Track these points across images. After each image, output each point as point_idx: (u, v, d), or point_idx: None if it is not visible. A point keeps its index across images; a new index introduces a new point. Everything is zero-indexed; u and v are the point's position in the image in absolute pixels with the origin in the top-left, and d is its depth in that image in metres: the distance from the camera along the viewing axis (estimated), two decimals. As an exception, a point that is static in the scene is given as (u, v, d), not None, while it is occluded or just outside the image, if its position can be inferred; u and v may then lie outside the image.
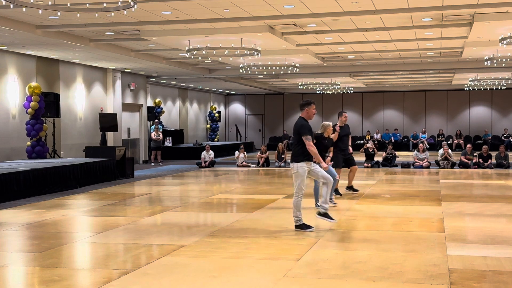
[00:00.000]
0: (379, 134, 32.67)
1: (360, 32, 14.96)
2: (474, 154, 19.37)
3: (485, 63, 18.11)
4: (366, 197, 11.75)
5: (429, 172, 18.05)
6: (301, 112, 8.40)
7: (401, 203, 10.96)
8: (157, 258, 6.46)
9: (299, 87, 29.52)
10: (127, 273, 5.84)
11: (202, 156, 20.88)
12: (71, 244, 7.42)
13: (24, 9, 10.41)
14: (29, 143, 16.24)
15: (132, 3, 9.14)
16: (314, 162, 8.16)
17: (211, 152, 21.03)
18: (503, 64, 19.01)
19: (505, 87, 28.81)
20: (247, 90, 33.16)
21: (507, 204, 10.68)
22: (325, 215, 8.31)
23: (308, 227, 8.05)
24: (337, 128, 11.33)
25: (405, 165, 19.68)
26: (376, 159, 20.37)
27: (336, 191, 11.68)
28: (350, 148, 12.15)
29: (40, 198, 11.95)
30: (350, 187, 12.45)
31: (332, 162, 11.02)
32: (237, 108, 36.95)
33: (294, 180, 8.10)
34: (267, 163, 20.70)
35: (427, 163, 19.45)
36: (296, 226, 8.09)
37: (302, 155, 8.01)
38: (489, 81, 26.82)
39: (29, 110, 16.17)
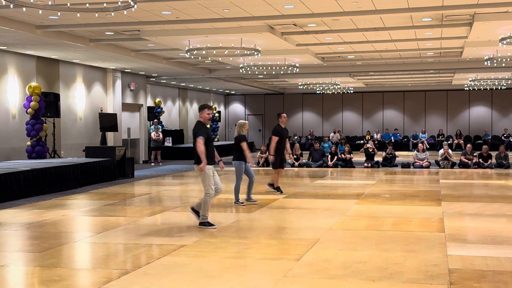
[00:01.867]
0: (379, 134, 32.67)
1: (360, 32, 14.96)
2: (474, 154, 19.37)
3: (485, 63, 18.10)
4: (366, 197, 11.75)
5: (429, 172, 18.05)
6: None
7: (401, 203, 10.95)
8: (157, 258, 6.47)
9: (299, 87, 29.52)
10: (127, 273, 5.84)
11: (202, 156, 20.85)
12: (71, 244, 7.42)
13: (24, 9, 10.41)
14: (29, 143, 16.24)
15: (132, 3, 9.14)
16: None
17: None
18: (503, 64, 19.01)
19: (505, 87, 28.81)
20: (247, 90, 33.16)
21: (507, 204, 10.68)
22: (205, 223, 8.43)
23: (211, 225, 8.37)
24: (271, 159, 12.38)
25: (405, 165, 19.68)
26: (376, 159, 20.37)
27: (278, 188, 12.46)
28: (288, 151, 12.94)
29: (40, 198, 11.95)
30: (271, 185, 12.64)
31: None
32: (237, 108, 36.96)
33: (201, 181, 8.47)
34: (267, 163, 20.69)
35: (427, 163, 19.45)
36: (200, 223, 8.43)
37: (207, 158, 8.37)
38: (489, 81, 26.82)
39: (29, 110, 16.16)
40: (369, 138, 30.46)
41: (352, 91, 32.11)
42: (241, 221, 8.91)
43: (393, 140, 30.90)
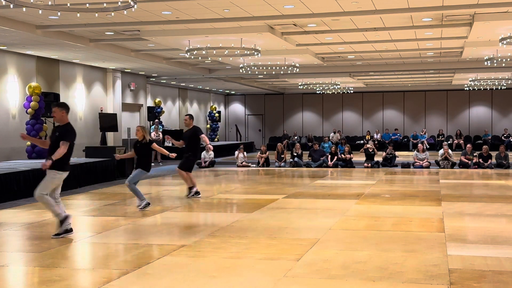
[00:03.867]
0: (379, 134, 32.66)
1: (360, 32, 14.97)
2: (474, 154, 19.37)
3: (485, 63, 18.11)
4: (366, 197, 11.75)
5: (429, 172, 18.05)
6: None
7: (401, 203, 10.95)
8: (157, 258, 6.46)
9: (299, 87, 29.53)
10: (127, 273, 5.84)
11: (202, 156, 20.88)
12: (71, 244, 7.41)
13: (24, 9, 10.41)
14: (29, 143, 16.24)
15: (132, 3, 9.14)
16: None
17: (211, 152, 21.02)
18: (503, 64, 19.02)
19: (505, 87, 28.81)
20: (247, 90, 33.17)
21: (507, 204, 10.68)
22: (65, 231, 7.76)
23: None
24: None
25: (405, 165, 19.67)
26: (376, 159, 20.36)
27: (192, 189, 11.92)
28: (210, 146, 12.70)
29: (40, 198, 11.94)
30: (190, 188, 12.05)
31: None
32: (237, 108, 36.96)
33: (45, 182, 7.70)
34: (267, 163, 20.70)
35: (427, 163, 19.45)
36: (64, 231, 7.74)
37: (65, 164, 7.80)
38: (489, 81, 26.83)
39: (29, 110, 16.18)
40: (369, 138, 30.44)
41: (352, 91, 32.11)
42: (241, 221, 8.91)
43: (392, 140, 30.89)
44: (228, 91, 35.01)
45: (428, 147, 27.01)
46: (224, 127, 36.51)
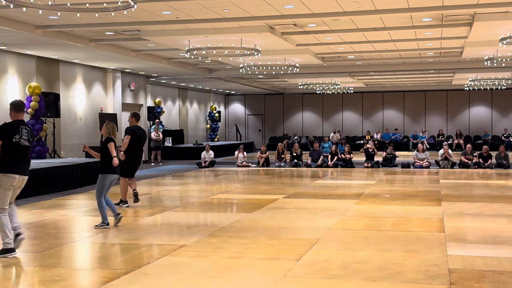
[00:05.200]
0: (379, 134, 32.66)
1: (360, 32, 14.96)
2: (474, 154, 19.37)
3: (485, 63, 18.10)
4: (366, 197, 11.75)
5: (429, 172, 18.05)
6: None
7: (401, 203, 10.95)
8: (157, 258, 6.47)
9: (299, 87, 29.52)
10: (127, 273, 5.84)
11: (202, 156, 20.89)
12: (71, 244, 7.42)
13: (24, 9, 10.40)
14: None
15: (132, 3, 9.14)
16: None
17: (211, 152, 21.03)
18: (503, 64, 19.01)
19: (505, 87, 28.80)
20: (247, 90, 33.16)
21: (507, 204, 10.68)
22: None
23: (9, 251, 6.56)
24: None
25: (405, 165, 19.67)
26: (376, 159, 20.37)
27: (117, 201, 10.51)
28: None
29: (40, 198, 11.95)
30: (121, 202, 10.73)
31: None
32: (237, 108, 36.96)
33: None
34: (267, 163, 20.71)
35: (427, 163, 19.45)
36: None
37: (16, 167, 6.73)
38: (489, 81, 26.82)
39: (29, 110, 16.16)
40: (369, 138, 30.43)
41: (352, 91, 32.10)
42: (241, 221, 8.91)
43: (392, 140, 30.87)
44: (228, 91, 35.00)
45: (428, 147, 27.02)
46: (224, 127, 36.50)
